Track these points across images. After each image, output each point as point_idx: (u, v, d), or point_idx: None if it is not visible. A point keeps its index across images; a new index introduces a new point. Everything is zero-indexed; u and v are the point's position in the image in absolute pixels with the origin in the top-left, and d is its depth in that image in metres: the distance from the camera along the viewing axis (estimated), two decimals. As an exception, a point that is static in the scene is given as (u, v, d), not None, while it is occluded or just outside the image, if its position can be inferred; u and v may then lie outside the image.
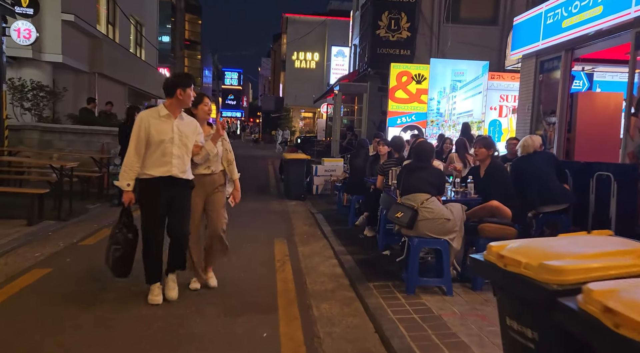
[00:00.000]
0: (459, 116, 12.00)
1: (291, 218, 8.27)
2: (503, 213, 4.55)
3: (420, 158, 4.46)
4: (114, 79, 17.70)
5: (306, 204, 9.85)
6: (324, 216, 8.22)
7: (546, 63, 7.29)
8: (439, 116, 12.21)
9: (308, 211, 8.95)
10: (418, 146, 4.60)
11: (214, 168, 4.17)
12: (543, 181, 5.38)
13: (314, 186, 11.30)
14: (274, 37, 55.91)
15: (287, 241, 6.39)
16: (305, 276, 4.86)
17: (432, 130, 12.17)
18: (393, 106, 12.15)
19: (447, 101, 12.16)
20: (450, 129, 12.03)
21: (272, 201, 10.17)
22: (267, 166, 20.46)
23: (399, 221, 4.22)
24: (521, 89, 8.07)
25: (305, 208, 9.28)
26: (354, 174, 7.47)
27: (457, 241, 4.23)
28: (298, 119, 43.18)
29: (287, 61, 41.47)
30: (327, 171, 11.30)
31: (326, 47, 38.63)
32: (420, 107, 12.09)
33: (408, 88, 12.05)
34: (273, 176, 15.44)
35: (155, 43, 25.59)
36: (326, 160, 11.45)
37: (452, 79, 12.07)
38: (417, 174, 4.35)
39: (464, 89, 11.99)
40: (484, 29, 15.30)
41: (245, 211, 8.81)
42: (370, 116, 15.54)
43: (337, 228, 7.11)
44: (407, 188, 4.34)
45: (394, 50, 15.02)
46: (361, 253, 5.66)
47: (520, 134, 7.48)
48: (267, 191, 11.86)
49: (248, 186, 13.15)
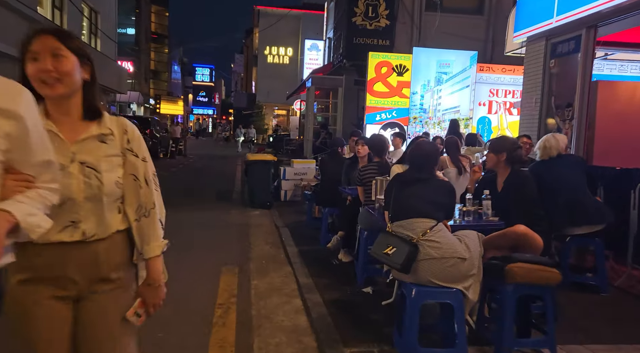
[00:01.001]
0: (445, 112, 10.74)
1: (250, 233, 6.81)
2: (532, 243, 3.19)
3: (420, 166, 3.06)
4: (60, 70, 15.81)
5: (272, 214, 8.39)
6: (290, 230, 6.79)
7: (560, 45, 6.03)
8: (423, 112, 10.92)
9: (272, 224, 7.50)
10: (417, 148, 3.19)
11: (89, 226, 1.57)
12: (573, 194, 4.08)
13: (282, 191, 9.86)
14: (247, 32, 54.12)
15: (239, 271, 4.92)
16: (255, 333, 3.42)
17: (414, 128, 10.88)
18: (372, 101, 10.78)
19: (431, 96, 10.87)
20: (435, 126, 10.75)
21: (231, 210, 8.67)
22: (235, 167, 18.86)
23: (390, 260, 2.82)
24: (526, 78, 6.80)
25: (270, 220, 7.82)
26: (326, 182, 6.06)
27: (473, 290, 2.86)
28: (271, 117, 41.56)
29: (259, 56, 39.78)
30: (297, 175, 9.87)
31: (300, 41, 37.10)
32: (401, 102, 10.76)
33: (388, 81, 10.70)
34: (240, 180, 13.90)
35: (114, 33, 23.62)
36: (296, 162, 10.02)
37: (437, 71, 10.79)
38: (416, 190, 2.96)
39: (450, 82, 10.72)
40: (469, 18, 14.13)
41: (194, 224, 7.33)
42: (346, 112, 14.17)
43: (305, 249, 5.68)
44: (402, 210, 2.94)
45: (371, 40, 13.69)
46: (334, 289, 4.26)
47: (525, 133, 6.20)
48: (228, 197, 10.35)
49: (207, 191, 11.65)
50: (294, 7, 35.68)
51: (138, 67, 35.20)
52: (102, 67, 20.67)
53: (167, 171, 15.09)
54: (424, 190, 2.94)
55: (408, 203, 2.90)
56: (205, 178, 14.51)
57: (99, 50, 20.92)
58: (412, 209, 2.87)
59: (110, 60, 22.43)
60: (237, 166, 19.86)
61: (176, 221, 8.16)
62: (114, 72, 23.03)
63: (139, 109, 35.79)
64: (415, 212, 2.85)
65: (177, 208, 8.83)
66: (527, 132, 6.32)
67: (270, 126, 39.94)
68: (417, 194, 2.92)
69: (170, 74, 48.84)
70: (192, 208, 8.68)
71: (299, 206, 9.18)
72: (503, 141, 3.66)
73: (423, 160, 3.06)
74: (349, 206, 5.10)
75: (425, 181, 2.99)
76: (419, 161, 3.06)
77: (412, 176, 3.04)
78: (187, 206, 9.01)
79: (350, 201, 5.11)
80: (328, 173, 6.05)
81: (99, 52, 20.73)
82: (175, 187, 11.84)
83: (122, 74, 24.79)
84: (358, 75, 13.47)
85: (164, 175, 14.05)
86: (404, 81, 10.69)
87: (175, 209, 9.31)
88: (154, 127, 19.25)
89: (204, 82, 72.86)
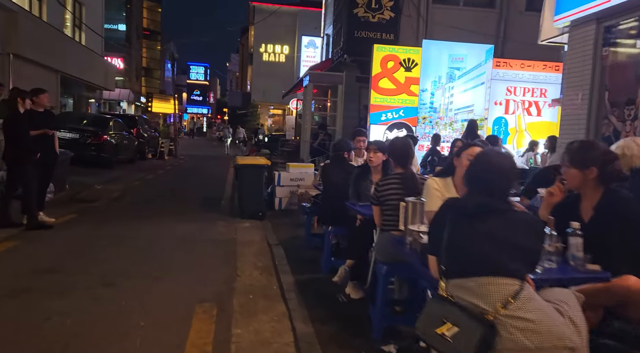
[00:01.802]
0: (457, 112, 9.69)
1: (237, 253, 5.71)
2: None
3: (491, 189, 1.99)
4: (39, 64, 14.66)
5: (264, 226, 7.31)
6: (285, 249, 5.71)
7: (616, 29, 4.98)
8: (433, 112, 9.85)
9: (264, 240, 6.40)
10: (483, 161, 2.09)
11: None
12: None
13: (276, 199, 8.78)
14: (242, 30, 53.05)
15: (217, 311, 3.82)
16: None
17: (423, 129, 9.82)
18: (376, 99, 9.70)
19: (442, 93, 9.81)
20: (446, 127, 9.70)
21: (217, 222, 7.57)
22: (227, 169, 17.71)
23: (449, 348, 1.73)
24: (569, 70, 5.73)
25: (262, 235, 6.73)
26: (330, 194, 4.96)
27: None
28: (266, 117, 40.43)
29: (255, 54, 38.66)
30: (293, 180, 8.80)
31: (296, 39, 35.99)
32: (409, 100, 9.68)
33: (395, 76, 9.62)
34: (231, 184, 12.76)
35: (100, 27, 22.41)
36: (292, 166, 8.94)
37: (449, 66, 9.72)
38: (487, 228, 1.88)
39: (463, 78, 9.68)
40: (480, 12, 13.13)
41: (174, 238, 6.25)
42: (347, 112, 13.09)
43: (303, 279, 4.61)
44: (465, 261, 1.86)
45: (374, 33, 12.65)
46: (343, 344, 3.18)
47: (567, 137, 5.15)
48: (216, 206, 9.24)
49: (193, 198, 10.47)
50: (290, 3, 34.60)
51: (129, 64, 33.97)
52: (87, 62, 19.50)
53: (153, 174, 13.95)
54: (499, 228, 1.85)
55: (475, 249, 1.82)
56: (194, 181, 13.37)
57: (84, 44, 19.73)
58: (484, 261, 1.79)
59: (96, 55, 21.25)
60: (230, 168, 18.74)
61: (154, 234, 6.61)
62: (100, 68, 21.85)
63: (130, 108, 34.56)
64: (489, 266, 1.77)
65: (158, 218, 7.70)
66: (570, 135, 5.26)
67: (265, 126, 38.79)
68: (489, 235, 1.84)
69: (163, 72, 47.61)
70: (175, 218, 7.59)
71: (296, 216, 8.10)
72: (590, 148, 2.50)
73: (495, 180, 1.97)
74: (360, 228, 4.02)
75: (501, 214, 1.90)
76: (489, 182, 1.97)
77: (479, 206, 1.95)
78: (169, 215, 7.92)
79: (361, 222, 4.03)
80: (332, 184, 4.95)
81: (83, 46, 19.56)
82: (160, 192, 10.73)
83: (109, 70, 23.59)
84: (360, 71, 12.41)
85: (149, 178, 12.92)
86: (413, 76, 9.61)
87: (155, 220, 7.68)
88: (141, 126, 18.08)
89: (199, 80, 71.70)
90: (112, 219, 7.27)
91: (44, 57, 14.83)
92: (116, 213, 7.89)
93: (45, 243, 5.64)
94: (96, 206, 8.37)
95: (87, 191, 9.66)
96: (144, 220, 7.26)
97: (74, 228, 6.46)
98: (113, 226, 6.75)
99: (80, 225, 6.72)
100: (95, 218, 7.31)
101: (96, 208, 8.21)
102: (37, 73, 14.46)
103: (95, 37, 21.30)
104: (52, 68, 15.96)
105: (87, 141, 12.81)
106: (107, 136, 13.32)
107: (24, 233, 5.94)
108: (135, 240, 5.99)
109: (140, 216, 7.61)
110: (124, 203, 8.87)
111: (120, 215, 7.64)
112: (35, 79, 13.57)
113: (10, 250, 5.30)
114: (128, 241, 5.91)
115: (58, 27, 16.78)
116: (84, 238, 5.94)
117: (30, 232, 5.97)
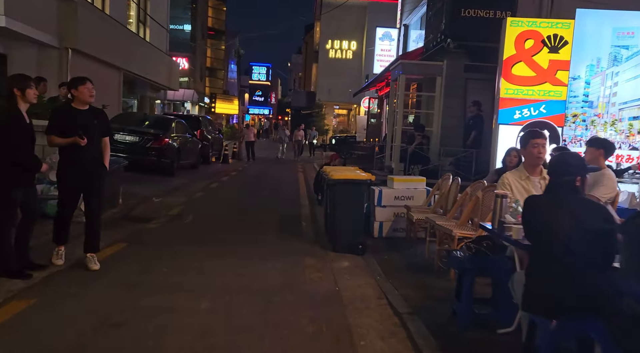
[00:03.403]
0: (623, 107, 7.09)
1: (351, 327, 3.64)
2: None
3: None
4: (100, 60, 13.50)
5: (370, 267, 5.26)
6: (428, 325, 3.58)
7: None
8: (588, 107, 7.32)
9: (381, 296, 4.30)
10: None
11: None
12: None
13: (376, 223, 6.71)
14: (306, 28, 51.78)
15: None
16: None
17: (573, 131, 7.31)
18: (508, 90, 7.28)
19: (602, 82, 7.25)
20: (607, 128, 7.14)
21: (305, 258, 5.54)
22: (295, 175, 15.83)
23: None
24: None
25: (373, 286, 4.63)
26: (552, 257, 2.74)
27: None
28: (331, 117, 38.56)
29: (321, 51, 36.97)
30: (398, 199, 6.69)
31: (365, 34, 33.85)
32: (555, 91, 7.17)
33: (535, 60, 7.15)
34: (305, 196, 10.76)
35: (165, 23, 21.37)
36: (397, 180, 6.83)
37: (612, 45, 7.15)
38: None
39: (632, 60, 7.06)
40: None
41: (249, 296, 4.11)
42: (446, 109, 10.75)
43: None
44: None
45: (485, 11, 10.26)
46: None
47: None
48: (296, 229, 7.25)
49: (263, 217, 7.66)
50: (360, -4, 32.44)
51: (193, 64, 33.31)
52: (151, 60, 18.41)
53: (217, 181, 12.26)
54: None
55: None
56: (262, 191, 11.47)
57: (148, 40, 18.67)
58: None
59: (161, 53, 20.18)
60: (299, 173, 16.86)
61: (223, 285, 4.26)
62: (165, 67, 20.79)
63: (194, 108, 33.94)
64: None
65: (226, 252, 5.54)
66: None
67: (330, 127, 36.94)
68: None
69: (226, 72, 47.08)
70: (248, 253, 5.67)
71: (404, 248, 6.03)
72: None
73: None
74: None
75: None
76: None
77: None
78: (241, 245, 6.01)
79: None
80: (555, 236, 2.73)
81: (148, 43, 18.49)
82: (226, 207, 8.88)
83: (173, 69, 22.55)
84: (469, 58, 10.04)
85: (213, 187, 11.23)
86: (560, 59, 7.07)
87: (223, 255, 5.35)
88: (205, 127, 16.63)
89: (261, 81, 71.51)
90: (167, 253, 5.43)
91: (105, 53, 13.66)
92: (174, 241, 6.08)
93: (69, 307, 3.85)
94: (151, 228, 6.67)
95: (142, 206, 8.04)
96: (208, 257, 5.36)
97: (117, 270, 4.67)
98: (168, 268, 4.89)
99: (127, 263, 4.95)
100: (147, 250, 5.53)
101: (151, 231, 6.51)
102: (98, 70, 13.26)
103: (160, 34, 20.28)
104: (115, 66, 14.84)
105: (147, 145, 11.37)
106: (168, 139, 11.82)
107: (50, 282, 4.20)
108: (198, 299, 4.03)
109: (204, 249, 5.73)
110: (185, 225, 7.08)
111: (179, 246, 5.81)
112: (95, 77, 12.32)
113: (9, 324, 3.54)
114: (186, 301, 3.99)
115: (122, 22, 15.67)
116: (126, 295, 4.06)
117: (58, 284, 4.21)
